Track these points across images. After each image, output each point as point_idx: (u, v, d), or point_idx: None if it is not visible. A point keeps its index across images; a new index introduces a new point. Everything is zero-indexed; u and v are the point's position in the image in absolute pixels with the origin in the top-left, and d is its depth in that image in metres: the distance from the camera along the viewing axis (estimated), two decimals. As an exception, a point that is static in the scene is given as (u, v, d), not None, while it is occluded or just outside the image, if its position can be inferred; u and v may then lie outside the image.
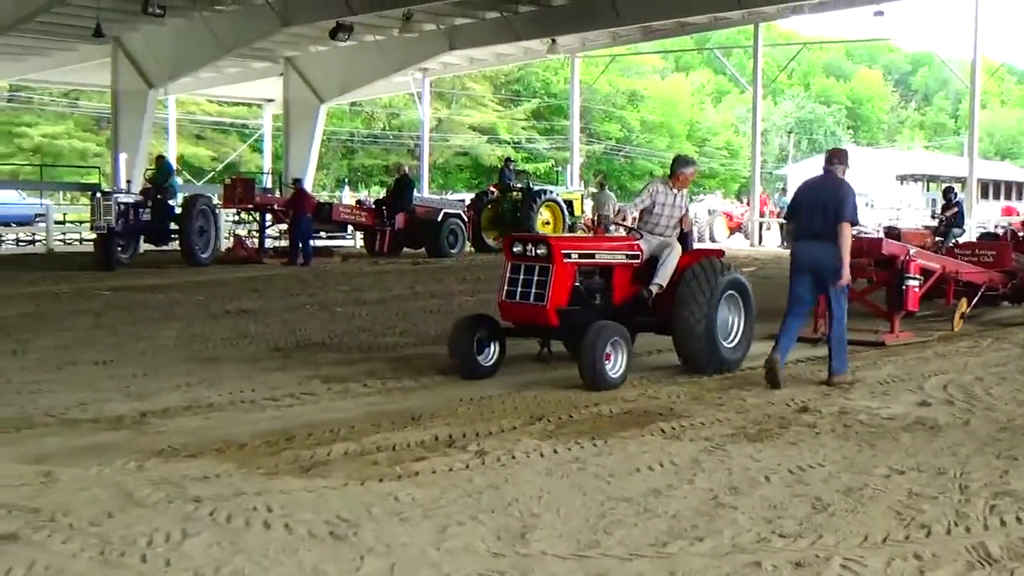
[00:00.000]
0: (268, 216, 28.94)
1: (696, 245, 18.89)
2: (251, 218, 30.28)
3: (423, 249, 30.13)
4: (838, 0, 37.19)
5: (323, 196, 45.83)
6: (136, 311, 16.23)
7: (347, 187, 55.08)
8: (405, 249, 30.33)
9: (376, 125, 71.51)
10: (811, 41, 76.54)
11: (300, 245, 27.19)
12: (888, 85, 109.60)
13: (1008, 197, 56.27)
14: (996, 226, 29.53)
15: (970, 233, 27.76)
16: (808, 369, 11.42)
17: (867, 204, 40.11)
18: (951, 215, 24.10)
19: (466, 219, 31.48)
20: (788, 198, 40.69)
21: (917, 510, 6.24)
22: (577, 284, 10.84)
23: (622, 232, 12.01)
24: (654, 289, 11.16)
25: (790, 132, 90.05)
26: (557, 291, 10.56)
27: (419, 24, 36.37)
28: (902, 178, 56.06)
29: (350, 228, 32.44)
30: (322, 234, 32.18)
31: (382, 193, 40.80)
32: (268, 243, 29.16)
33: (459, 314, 15.72)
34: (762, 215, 42.58)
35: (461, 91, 69.85)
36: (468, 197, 40.15)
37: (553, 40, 40.05)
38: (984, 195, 47.93)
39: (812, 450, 7.68)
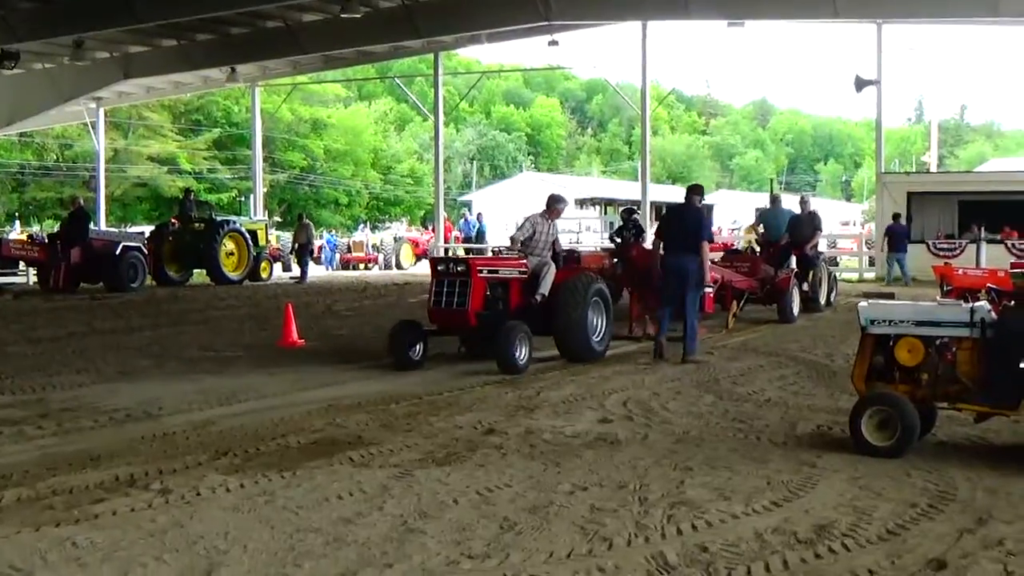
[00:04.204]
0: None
1: (380, 272, 21.21)
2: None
3: (101, 283, 29.15)
4: (514, 30, 38.05)
5: (-8, 231, 43.76)
6: None
7: (18, 221, 52.76)
8: (83, 284, 29.27)
9: (48, 156, 68.75)
10: (491, 70, 78.49)
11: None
12: (565, 112, 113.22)
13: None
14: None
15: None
16: (495, 392, 11.59)
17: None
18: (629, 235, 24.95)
19: (147, 252, 30.68)
20: (473, 222, 41.00)
21: (600, 524, 6.42)
22: (488, 294, 13.73)
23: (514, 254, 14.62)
24: (539, 297, 14.04)
25: (473, 159, 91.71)
26: (475, 299, 13.46)
27: (91, 52, 35.23)
28: (581, 202, 57.90)
29: (22, 264, 31.09)
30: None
31: (56, 227, 39.28)
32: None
33: (141, 349, 15.35)
34: (447, 241, 43.14)
35: (138, 121, 68.03)
36: (148, 229, 39.12)
37: (233, 69, 39.57)
38: (657, 217, 49.94)
39: (499, 471, 7.80)
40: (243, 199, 56.07)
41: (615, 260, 18.76)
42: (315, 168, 78.23)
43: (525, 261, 14.39)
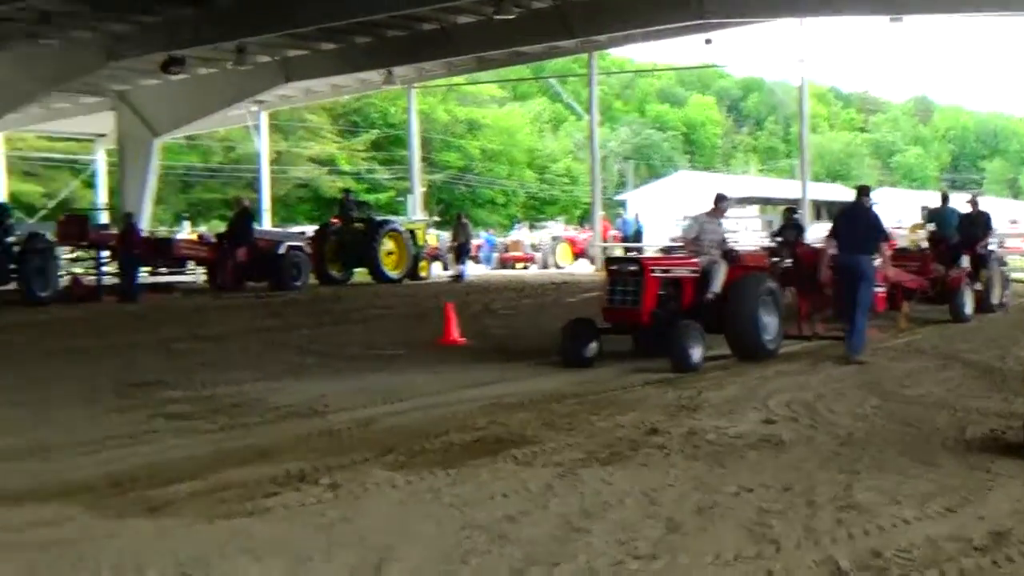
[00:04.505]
0: (105, 253, 28.35)
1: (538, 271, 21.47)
2: (87, 255, 29.63)
3: (266, 283, 29.79)
4: (668, 29, 37.80)
5: (162, 231, 44.99)
6: (-32, 354, 15.71)
7: (186, 222, 54.19)
8: (248, 283, 29.94)
9: (213, 159, 70.48)
10: (644, 69, 78.05)
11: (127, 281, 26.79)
12: (721, 110, 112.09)
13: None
14: None
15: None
16: (656, 392, 11.54)
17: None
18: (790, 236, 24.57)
19: (309, 251, 31.25)
20: (630, 221, 40.79)
21: (767, 526, 6.33)
22: (661, 292, 13.83)
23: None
24: (711, 296, 14.13)
25: (628, 158, 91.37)
26: (648, 298, 13.60)
27: (253, 56, 35.96)
28: (738, 201, 57.23)
29: (191, 263, 31.93)
30: (162, 270, 31.64)
31: (222, 227, 40.23)
32: (106, 280, 28.54)
33: (305, 347, 15.63)
34: (604, 240, 43.07)
35: (299, 123, 69.29)
36: (310, 229, 39.85)
37: (389, 71, 40.06)
38: (817, 216, 49.17)
39: (663, 471, 7.76)
40: (401, 199, 56.75)
41: (775, 259, 18.52)
42: (471, 168, 78.76)
43: (697, 260, 14.51)
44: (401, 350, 15.63)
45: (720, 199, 15.28)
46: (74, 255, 31.00)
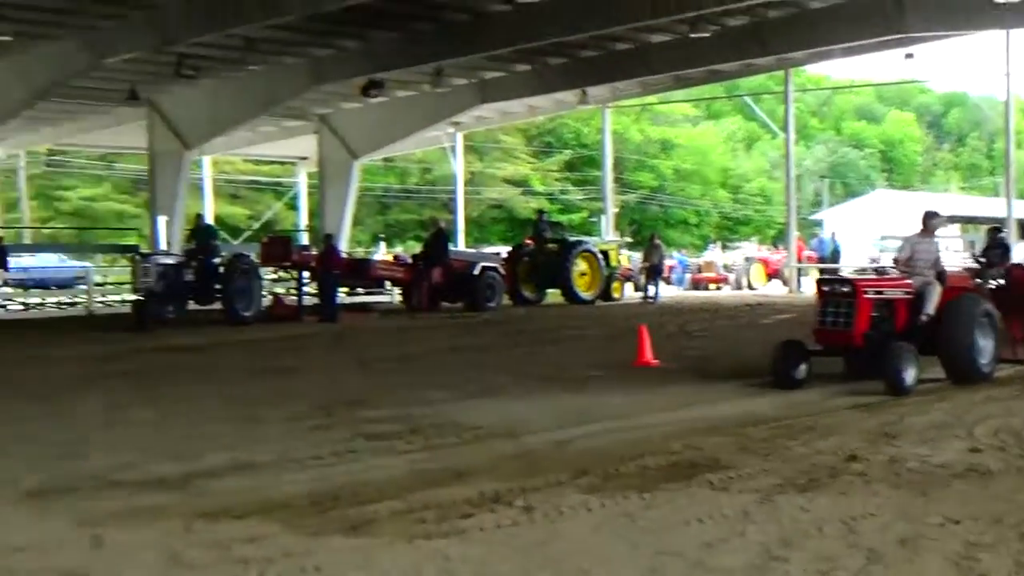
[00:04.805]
0: (306, 273, 29.08)
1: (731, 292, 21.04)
2: (289, 276, 30.43)
3: (460, 303, 30.16)
4: (867, 44, 37.04)
5: (359, 252, 45.99)
6: (178, 371, 16.30)
7: (382, 243, 55.26)
8: (443, 303, 30.36)
9: (410, 180, 71.78)
10: (841, 85, 76.53)
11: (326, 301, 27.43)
12: (921, 127, 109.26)
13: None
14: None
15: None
16: (856, 417, 11.28)
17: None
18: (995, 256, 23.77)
19: (503, 272, 31.52)
20: (827, 241, 40.13)
21: (974, 559, 6.12)
22: (874, 314, 13.66)
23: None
24: (924, 317, 13.88)
25: (823, 176, 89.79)
26: (861, 319, 13.46)
27: (450, 79, 36.52)
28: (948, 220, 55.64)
29: (387, 284, 32.50)
30: (359, 290, 32.30)
31: (417, 248, 40.89)
32: (306, 300, 29.27)
33: (500, 367, 15.75)
34: (799, 260, 42.41)
35: (494, 144, 70.09)
36: (504, 250, 40.22)
37: (584, 91, 40.16)
38: (1023, 235, 47.54)
39: (863, 499, 7.57)
40: (594, 219, 56.84)
41: (978, 280, 17.92)
42: (664, 188, 78.53)
43: (910, 281, 14.26)
44: (594, 371, 15.62)
45: (929, 217, 14.90)
46: (276, 275, 31.85)
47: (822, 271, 37.57)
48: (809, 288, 39.32)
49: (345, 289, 30.94)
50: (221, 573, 6.01)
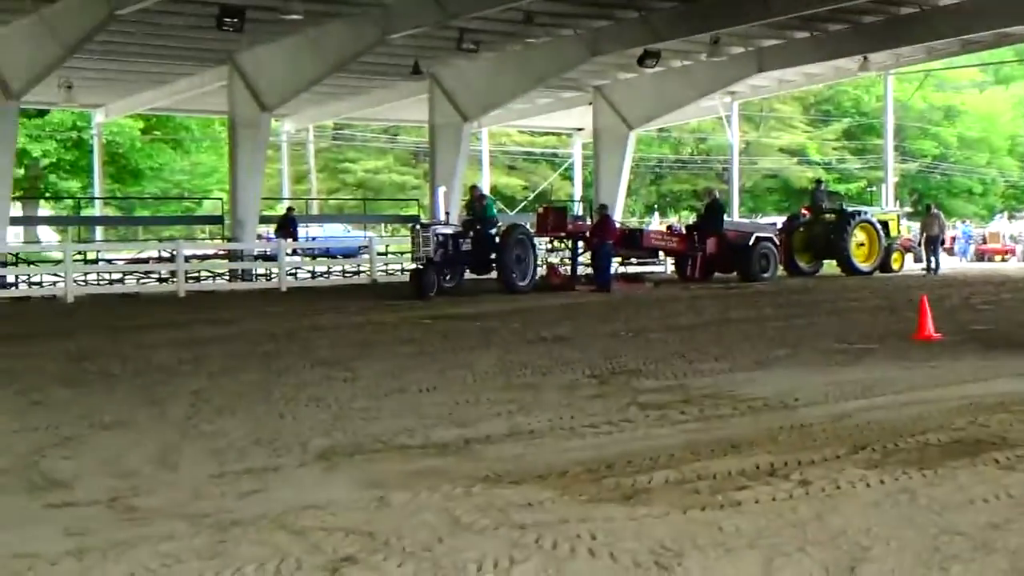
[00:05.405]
0: (580, 243, 29.36)
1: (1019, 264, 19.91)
2: (563, 246, 30.77)
3: (734, 273, 29.93)
4: None
5: (632, 222, 46.11)
6: (456, 339, 16.71)
7: (656, 213, 55.27)
8: (716, 274, 30.18)
9: (684, 150, 71.47)
10: None
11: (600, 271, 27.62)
12: None
13: None
14: None
15: None
16: None
17: None
18: None
19: (778, 243, 31.12)
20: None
21: None
22: None
23: None
24: None
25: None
26: None
27: (727, 47, 36.18)
28: None
29: (660, 254, 32.52)
30: (632, 260, 32.41)
31: (691, 218, 40.72)
32: (580, 270, 29.55)
33: (774, 339, 15.57)
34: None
35: (769, 113, 69.04)
36: (779, 220, 39.63)
37: (865, 58, 39.11)
38: None
39: None
40: (872, 189, 55.42)
41: None
42: (947, 156, 75.81)
43: None
44: (872, 344, 15.26)
45: None
46: (551, 245, 32.27)
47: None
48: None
49: (619, 259, 31.08)
50: (499, 537, 6.15)
